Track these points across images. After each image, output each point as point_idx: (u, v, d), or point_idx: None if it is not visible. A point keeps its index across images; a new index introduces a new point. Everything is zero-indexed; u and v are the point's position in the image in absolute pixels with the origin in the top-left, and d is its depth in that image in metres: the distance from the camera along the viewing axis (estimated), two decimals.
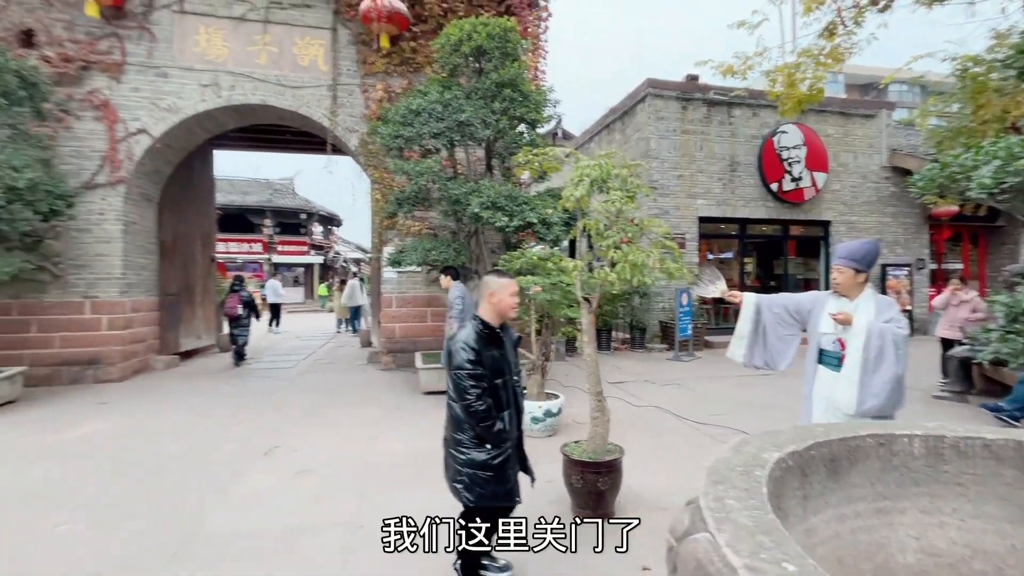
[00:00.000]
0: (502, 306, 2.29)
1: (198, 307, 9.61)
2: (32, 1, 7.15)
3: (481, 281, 2.34)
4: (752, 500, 0.91)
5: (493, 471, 2.21)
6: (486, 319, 2.29)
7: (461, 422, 2.22)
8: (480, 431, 2.18)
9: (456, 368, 2.16)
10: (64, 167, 7.15)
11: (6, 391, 5.95)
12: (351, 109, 8.24)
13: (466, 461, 2.21)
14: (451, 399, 2.24)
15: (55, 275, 7.07)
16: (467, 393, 2.12)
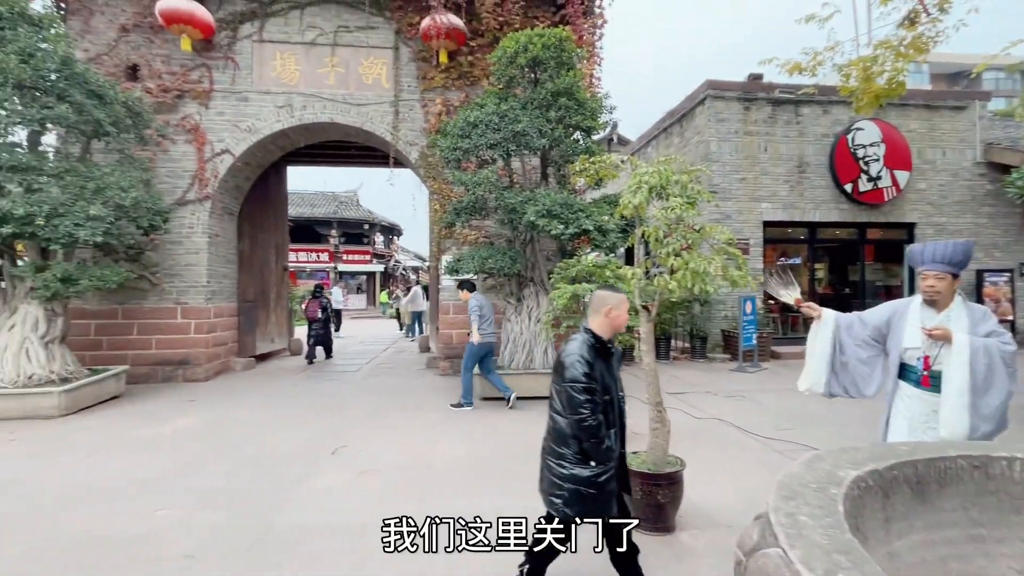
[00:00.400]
0: (619, 321, 2.24)
1: (272, 313, 10.30)
2: (137, 39, 8.02)
3: (593, 295, 2.30)
4: (827, 518, 0.88)
5: (596, 488, 2.14)
6: (598, 333, 2.22)
7: (565, 436, 2.16)
8: (589, 447, 2.12)
9: (570, 381, 2.09)
10: (161, 186, 7.94)
11: (112, 387, 6.65)
12: (411, 123, 8.58)
13: (568, 476, 2.14)
14: (556, 412, 2.19)
15: (152, 283, 7.83)
16: (581, 408, 2.06)
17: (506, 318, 7.06)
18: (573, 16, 8.22)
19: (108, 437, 5.05)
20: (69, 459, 4.39)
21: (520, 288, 7.06)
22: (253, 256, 9.63)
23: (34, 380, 5.89)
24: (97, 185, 6.03)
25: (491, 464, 4.25)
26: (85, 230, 5.71)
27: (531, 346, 6.72)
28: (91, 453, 4.55)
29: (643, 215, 3.01)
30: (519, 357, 6.71)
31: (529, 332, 6.74)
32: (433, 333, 10.16)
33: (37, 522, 3.21)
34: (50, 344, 6.17)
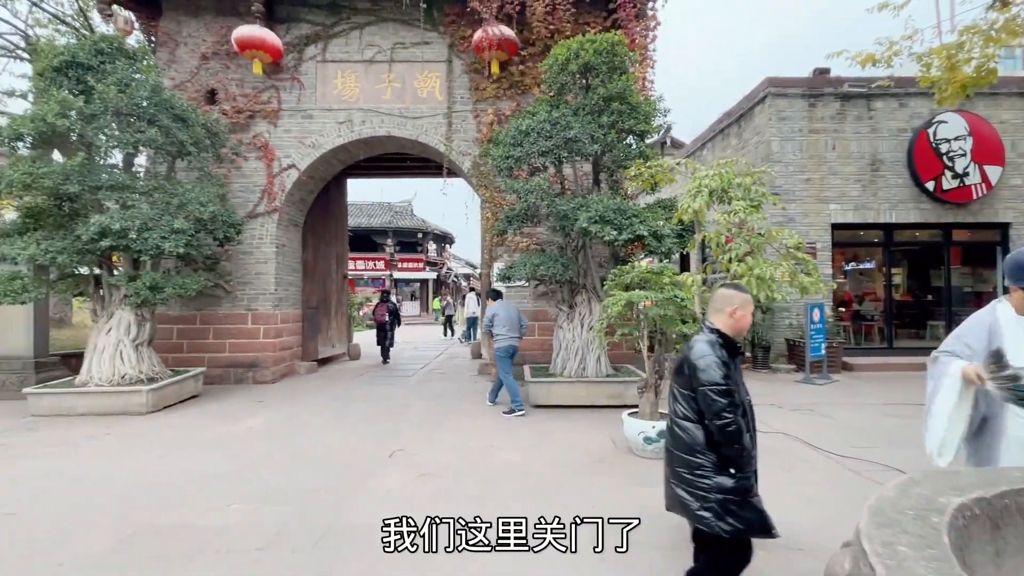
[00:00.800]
0: (744, 322, 2.13)
1: (332, 319, 10.78)
2: (215, 66, 8.69)
3: (715, 293, 2.19)
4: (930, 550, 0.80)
5: (742, 496, 2.02)
6: (725, 332, 2.11)
7: (700, 444, 2.04)
8: (732, 453, 2.00)
9: (709, 385, 1.97)
10: (234, 200, 8.53)
11: (191, 387, 7.17)
12: (464, 134, 8.75)
13: (713, 486, 2.01)
14: (685, 419, 2.07)
15: (226, 291, 8.41)
16: (724, 412, 1.94)
17: (558, 325, 7.02)
18: (625, 20, 8.13)
19: (187, 434, 5.44)
20: (154, 454, 4.76)
21: (572, 295, 7.00)
22: (316, 265, 10.13)
23: (126, 379, 6.46)
24: (180, 201, 6.56)
25: (547, 471, 4.22)
26: (170, 242, 6.22)
27: (584, 354, 6.64)
28: (173, 448, 4.92)
29: (702, 220, 2.91)
30: (571, 365, 6.64)
31: (582, 340, 6.66)
32: (485, 340, 10.28)
33: (127, 512, 3.50)
34: (140, 346, 6.74)
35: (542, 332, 8.48)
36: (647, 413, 4.60)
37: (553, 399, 6.42)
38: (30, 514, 3.45)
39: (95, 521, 3.34)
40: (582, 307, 6.84)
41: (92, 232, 5.93)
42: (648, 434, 4.39)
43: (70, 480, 4.09)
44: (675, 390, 2.13)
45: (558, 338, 6.93)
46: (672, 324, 4.46)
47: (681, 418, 2.08)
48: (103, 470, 4.32)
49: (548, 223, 6.97)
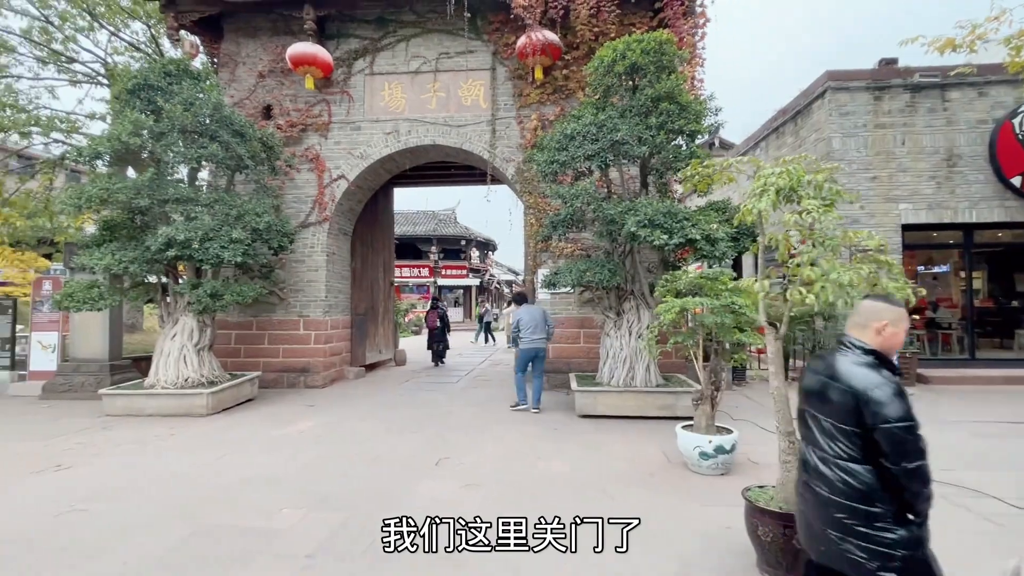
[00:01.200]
0: (895, 341, 1.82)
1: (379, 325, 11.00)
2: (271, 83, 9.11)
3: (860, 305, 1.91)
4: None
5: (924, 548, 1.72)
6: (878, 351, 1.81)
7: (876, 491, 1.71)
8: (920, 499, 1.69)
9: (895, 422, 1.65)
10: (287, 210, 8.87)
11: (248, 391, 7.46)
12: (508, 140, 8.75)
13: (898, 541, 1.68)
14: (851, 459, 1.75)
15: (280, 298, 8.73)
16: (917, 453, 1.65)
17: (605, 333, 6.83)
18: (672, 19, 7.90)
19: (242, 436, 5.64)
20: (212, 455, 4.95)
21: (620, 302, 6.80)
22: (364, 273, 10.38)
23: (188, 382, 6.79)
24: (238, 212, 6.87)
25: (597, 484, 4.05)
26: (228, 251, 6.51)
27: (632, 363, 6.42)
28: (229, 450, 5.10)
29: (767, 221, 2.71)
30: (619, 374, 6.43)
31: (630, 348, 6.45)
32: None
33: (187, 512, 3.62)
34: (201, 351, 7.08)
35: (588, 339, 8.31)
36: (703, 427, 4.36)
37: (600, 409, 6.24)
38: (100, 511, 3.63)
39: (159, 520, 3.47)
40: (630, 314, 6.63)
41: (159, 242, 6.29)
42: (704, 449, 4.15)
43: (138, 479, 4.29)
44: (821, 422, 1.83)
45: (605, 346, 6.74)
46: (729, 333, 4.21)
47: (842, 458, 1.76)
48: (168, 470, 4.52)
49: (594, 228, 6.83)
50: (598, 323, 8.21)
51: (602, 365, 6.75)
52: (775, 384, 2.71)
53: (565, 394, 7.89)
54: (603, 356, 6.78)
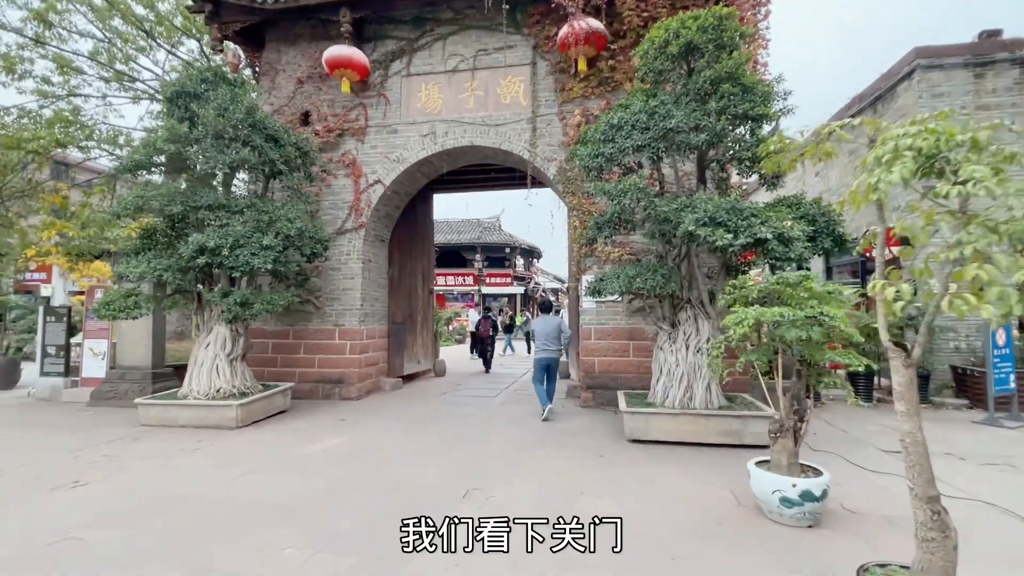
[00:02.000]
0: None
1: (418, 335, 10.66)
2: (309, 89, 9.01)
3: None
4: None
5: None
6: None
7: None
8: None
9: None
10: (324, 217, 8.69)
11: (279, 402, 7.23)
12: (549, 138, 8.20)
13: None
14: None
15: (316, 307, 8.53)
16: None
17: (658, 346, 6.08)
18: None
19: (266, 453, 5.32)
20: (233, 473, 4.63)
21: (674, 311, 6.05)
22: (401, 280, 10.08)
23: (220, 393, 6.61)
24: (269, 218, 6.67)
25: (650, 534, 3.36)
26: (259, 258, 6.30)
27: (690, 380, 5.64)
28: (248, 470, 4.76)
29: (885, 203, 1.99)
30: (675, 393, 5.66)
31: (687, 364, 5.68)
32: (573, 359, 9.52)
33: (188, 544, 3.25)
34: (234, 361, 6.91)
35: (638, 352, 7.56)
36: (783, 465, 3.57)
37: (653, 433, 5.49)
38: (94, 540, 3.32)
39: (146, 557, 3.11)
40: (687, 325, 5.86)
41: (191, 250, 6.15)
42: (787, 494, 3.37)
43: (147, 503, 4.00)
44: None
45: (658, 361, 6.00)
46: (818, 351, 3.43)
47: None
48: (180, 491, 4.22)
49: (645, 229, 6.12)
50: (649, 335, 7.47)
51: (655, 383, 6.00)
52: (907, 428, 1.96)
53: (612, 413, 7.17)
54: (656, 372, 6.03)
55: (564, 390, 9.04)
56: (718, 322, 5.82)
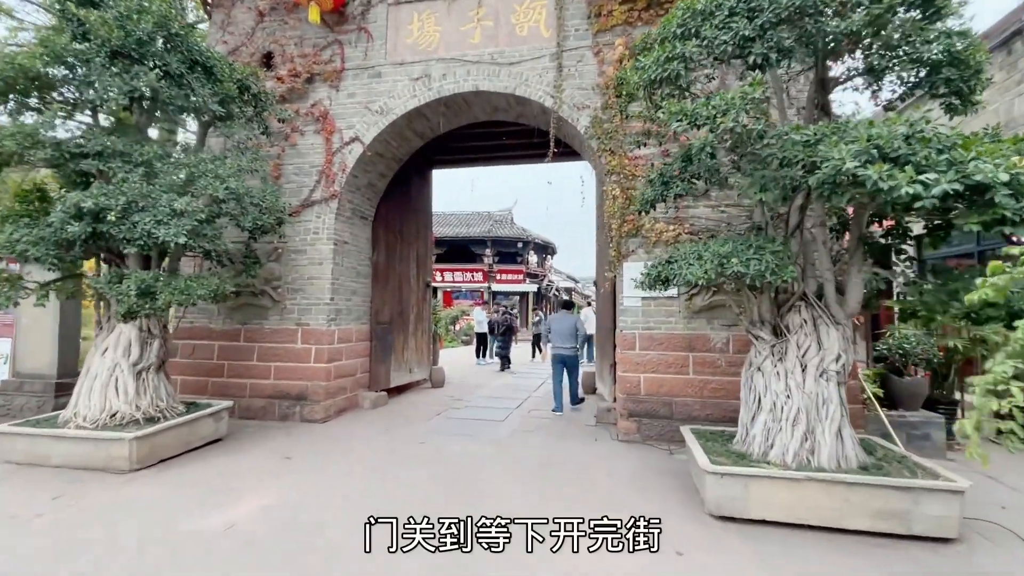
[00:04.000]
0: None
1: (411, 337, 8.68)
2: (272, 25, 7.08)
3: None
4: None
5: None
6: None
7: None
8: None
9: None
10: (287, 185, 6.75)
11: (208, 429, 5.27)
12: (580, 79, 6.15)
13: None
14: None
15: (274, 299, 6.59)
16: None
17: (753, 365, 4.01)
18: None
19: (144, 525, 3.37)
20: (65, 571, 2.68)
21: (776, 312, 3.98)
22: (390, 269, 8.10)
23: (117, 419, 4.68)
24: (189, 173, 4.72)
25: None
26: (168, 229, 4.36)
27: (810, 421, 3.57)
28: (100, 562, 2.81)
29: None
30: (784, 440, 3.59)
31: (803, 396, 3.61)
32: (603, 373, 7.47)
33: None
34: (143, 373, 4.99)
35: (700, 368, 5.50)
36: None
37: (756, 508, 3.40)
38: None
39: None
40: (800, 335, 3.78)
41: (63, 215, 4.24)
42: None
43: None
44: None
45: (754, 387, 3.92)
46: None
47: None
48: None
49: (741, 181, 3.99)
50: (716, 344, 5.42)
51: (748, 419, 3.93)
52: None
53: (668, 453, 5.12)
54: (749, 404, 3.96)
55: (592, 411, 7.00)
56: (849, 330, 3.74)
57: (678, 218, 5.68)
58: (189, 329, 6.75)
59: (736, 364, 5.41)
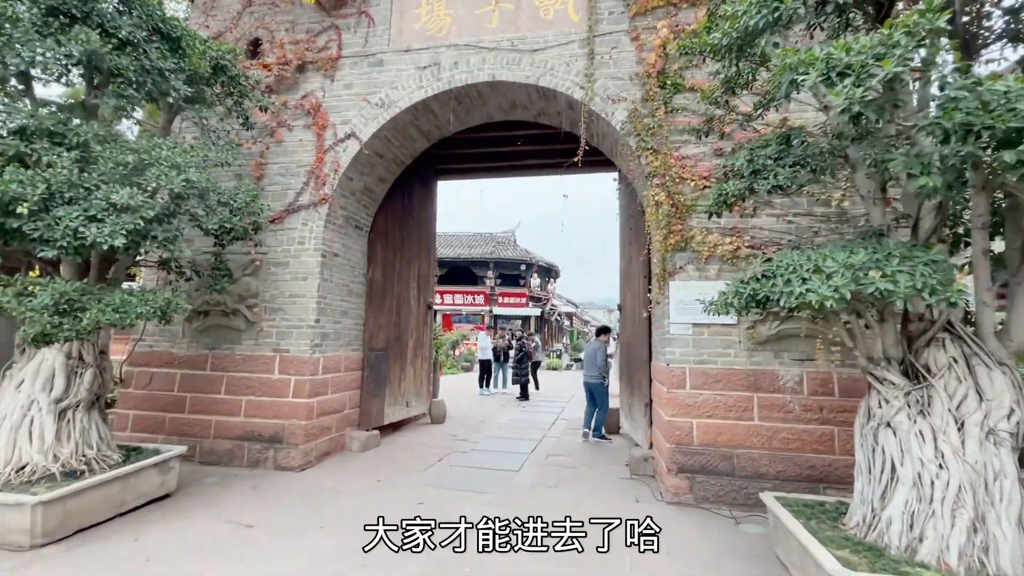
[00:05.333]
0: None
1: (409, 366, 7.60)
2: (261, 8, 6.25)
3: None
4: None
5: None
6: None
7: None
8: None
9: None
10: (271, 188, 5.80)
11: (152, 484, 4.16)
12: (615, 68, 5.28)
13: None
14: None
15: (249, 320, 5.55)
16: None
17: (875, 419, 2.94)
18: None
19: None
20: None
21: (907, 346, 2.95)
22: (387, 288, 7.09)
23: (26, 473, 3.59)
24: (138, 160, 3.75)
25: None
26: (100, 228, 3.36)
27: (977, 505, 2.51)
28: None
29: None
30: (943, 532, 2.51)
31: (964, 467, 2.55)
32: (634, 412, 6.39)
33: None
34: (70, 412, 3.91)
35: (766, 414, 4.44)
36: None
37: None
38: None
39: None
40: (950, 378, 2.75)
41: None
42: None
43: None
44: None
45: (882, 450, 2.86)
46: None
47: None
48: None
49: (877, 158, 2.97)
50: (786, 381, 4.40)
51: (870, 493, 2.86)
52: None
53: (734, 523, 4.03)
54: (872, 471, 2.89)
55: (619, 455, 5.90)
56: (1016, 374, 2.72)
57: (735, 229, 4.72)
58: (147, 354, 5.70)
59: (811, 409, 4.38)
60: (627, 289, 7.01)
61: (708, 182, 4.81)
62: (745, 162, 3.00)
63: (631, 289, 6.71)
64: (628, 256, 6.83)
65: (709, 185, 4.81)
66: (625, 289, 7.16)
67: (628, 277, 6.91)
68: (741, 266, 4.61)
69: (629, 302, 6.85)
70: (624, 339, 7.67)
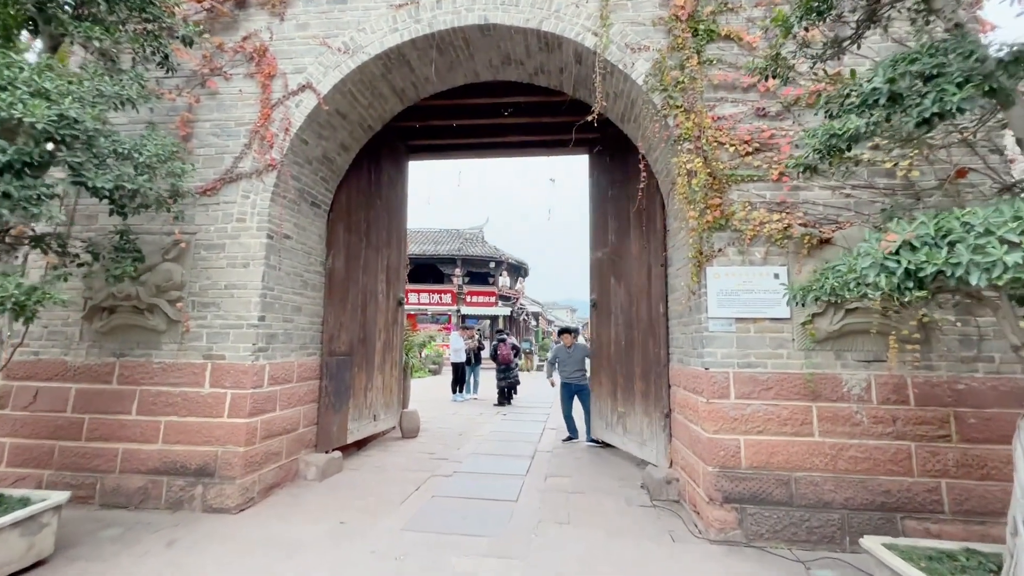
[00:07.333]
0: None
1: (377, 373, 6.45)
2: None
3: None
4: None
5: None
6: None
7: None
8: None
9: None
10: (201, 152, 4.57)
11: (16, 551, 2.91)
12: (634, 12, 4.38)
13: None
14: None
15: (171, 318, 4.31)
16: None
17: None
18: None
19: None
20: None
21: None
22: (349, 280, 5.93)
23: None
24: None
25: None
26: None
27: None
28: None
29: None
30: None
31: None
32: (644, 428, 5.49)
33: None
34: None
35: (828, 425, 3.65)
36: None
37: None
38: None
39: None
40: None
41: None
42: None
43: None
44: None
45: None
46: None
47: None
48: None
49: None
50: (851, 390, 3.62)
51: None
52: None
53: (804, 569, 3.17)
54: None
55: (631, 477, 5.00)
56: None
57: (784, 203, 3.91)
58: (31, 364, 4.36)
59: (882, 421, 3.61)
60: (613, 283, 6.09)
61: (750, 147, 3.99)
62: (885, 82, 2.12)
63: (625, 283, 5.83)
64: (604, 245, 5.99)
65: (751, 151, 4.00)
66: (610, 283, 6.23)
67: (614, 270, 6.02)
68: (790, 248, 3.83)
69: (622, 297, 5.92)
70: (606, 339, 6.58)
